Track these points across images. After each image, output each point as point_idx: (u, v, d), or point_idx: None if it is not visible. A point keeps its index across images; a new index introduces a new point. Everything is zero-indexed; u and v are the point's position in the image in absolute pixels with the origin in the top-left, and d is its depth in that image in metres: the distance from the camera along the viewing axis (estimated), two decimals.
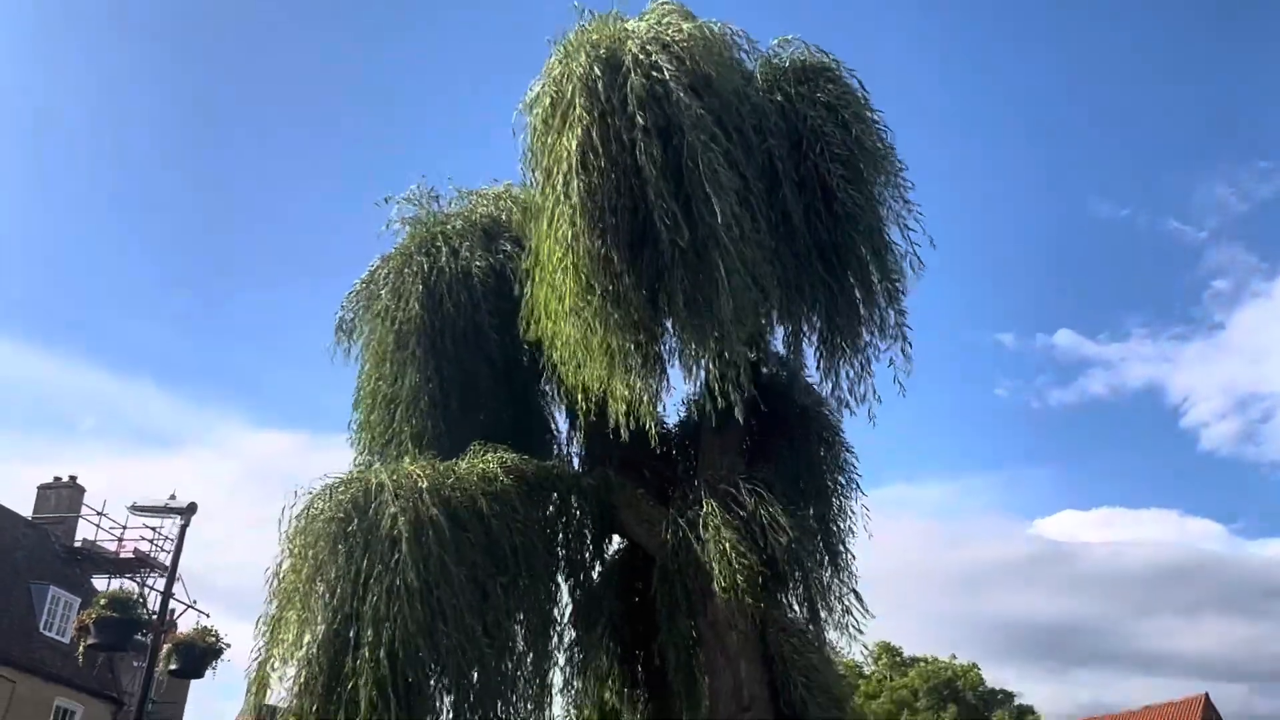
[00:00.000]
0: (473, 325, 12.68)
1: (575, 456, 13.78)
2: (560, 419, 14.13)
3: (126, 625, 13.42)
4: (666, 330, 11.55)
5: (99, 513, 34.98)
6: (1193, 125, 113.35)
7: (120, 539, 34.78)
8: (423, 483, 10.42)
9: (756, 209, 11.05)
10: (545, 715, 11.53)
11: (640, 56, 10.69)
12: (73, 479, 36.26)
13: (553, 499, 12.22)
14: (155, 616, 13.86)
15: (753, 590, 10.58)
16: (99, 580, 32.91)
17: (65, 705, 30.43)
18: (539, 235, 11.23)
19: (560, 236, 10.60)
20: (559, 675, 12.15)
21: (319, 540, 10.02)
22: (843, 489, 12.77)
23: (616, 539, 13.13)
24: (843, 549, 12.49)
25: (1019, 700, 41.35)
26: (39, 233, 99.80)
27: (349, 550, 9.90)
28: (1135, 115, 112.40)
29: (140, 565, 33.28)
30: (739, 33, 12.27)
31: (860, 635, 11.96)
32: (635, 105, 10.45)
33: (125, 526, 34.89)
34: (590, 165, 10.47)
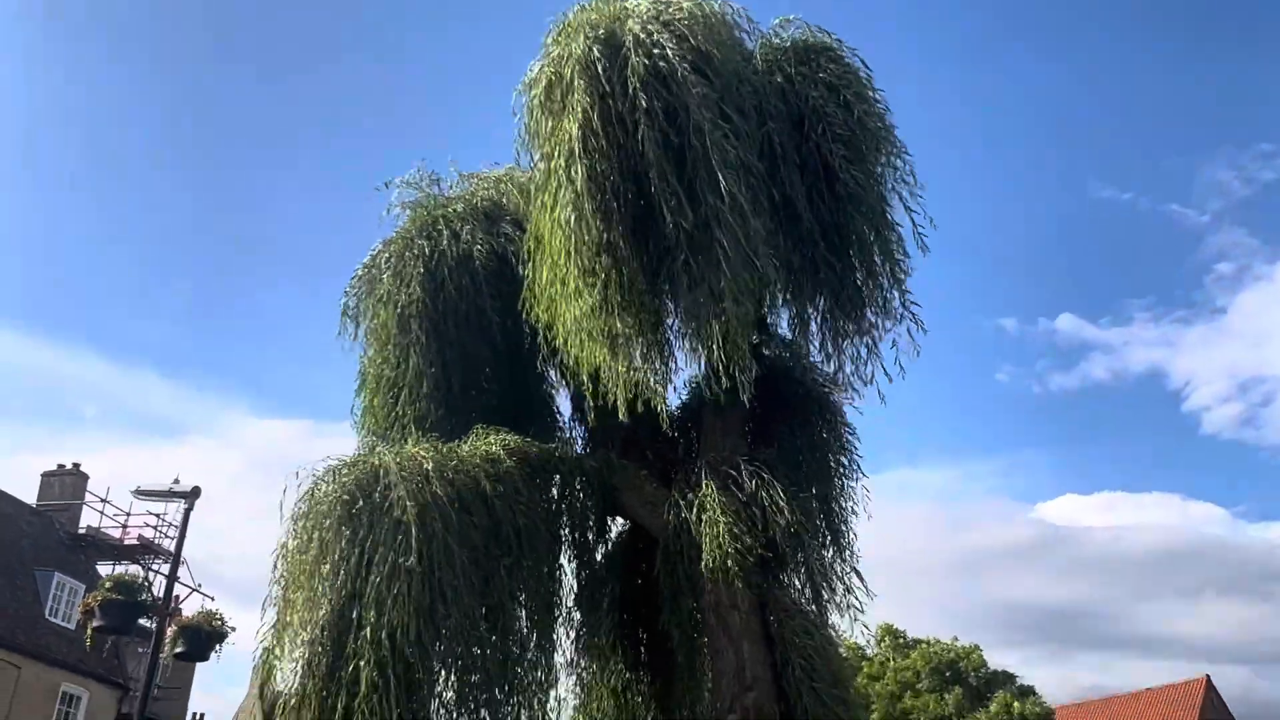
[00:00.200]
0: (475, 308, 12.65)
1: (578, 439, 13.77)
2: (563, 401, 14.12)
3: (131, 608, 13.46)
4: (670, 312, 11.53)
5: (103, 499, 35.17)
6: (1195, 108, 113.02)
7: (124, 525, 34.97)
8: (427, 464, 10.40)
9: (759, 190, 11.00)
10: (549, 696, 11.56)
11: (641, 36, 10.63)
12: (76, 466, 36.36)
13: (555, 481, 12.22)
14: (160, 600, 13.89)
15: (744, 571, 10.60)
16: (103, 566, 32.97)
17: (71, 690, 30.56)
18: (539, 217, 11.19)
19: (563, 221, 10.56)
20: (562, 656, 12.20)
21: (324, 521, 10.00)
22: (845, 470, 12.74)
23: (619, 521, 13.15)
24: (845, 529, 12.48)
25: (1020, 681, 41.44)
26: (40, 223, 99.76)
27: (354, 531, 9.90)
28: (1137, 99, 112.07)
29: (144, 551, 33.40)
30: (739, 11, 12.22)
31: (862, 615, 11.95)
32: (636, 86, 10.39)
33: (129, 513, 35.09)
34: (591, 148, 10.42)
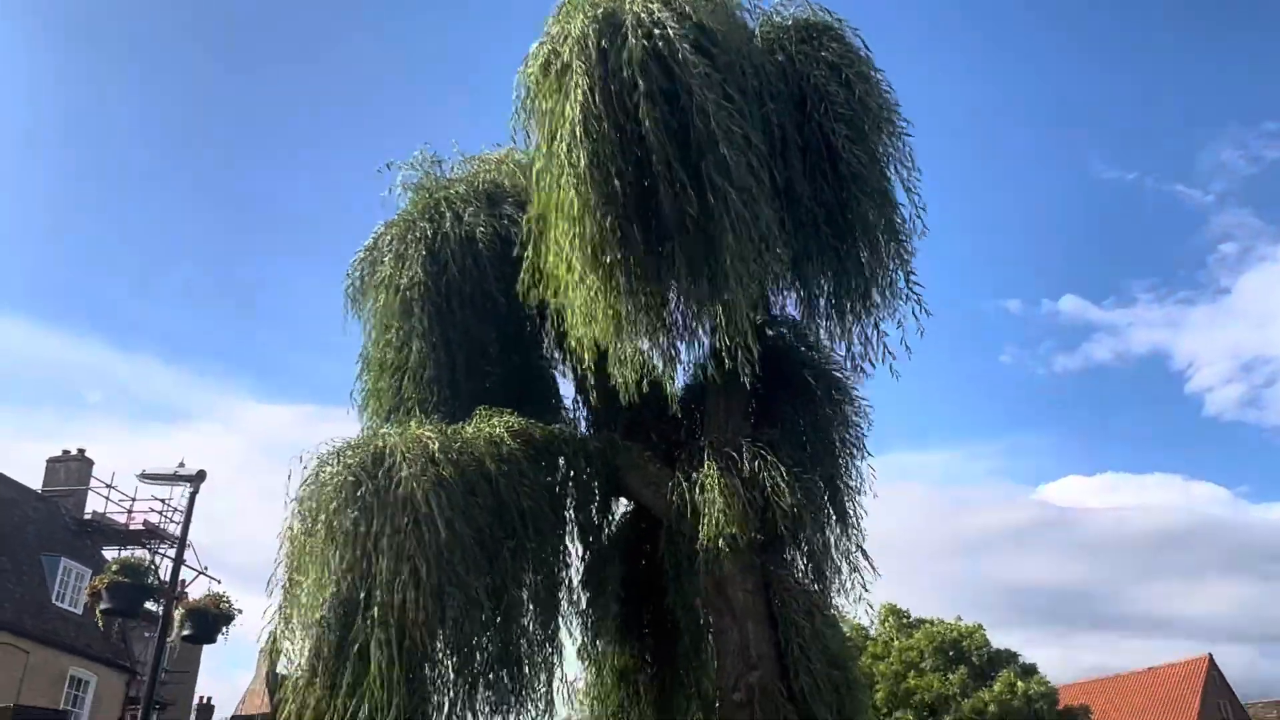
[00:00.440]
0: (479, 290, 12.62)
1: (581, 420, 13.75)
2: (566, 383, 14.09)
3: (138, 591, 13.52)
4: (674, 293, 11.50)
5: (108, 485, 35.29)
6: (1199, 88, 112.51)
7: (130, 511, 35.10)
8: (433, 445, 10.40)
9: (761, 171, 10.95)
10: (554, 676, 11.61)
11: (642, 15, 10.51)
12: (81, 452, 36.43)
13: (559, 463, 12.24)
14: (166, 584, 13.93)
15: (746, 550, 10.63)
16: (109, 552, 33.12)
17: (79, 675, 30.71)
18: (541, 199, 11.12)
19: (565, 204, 10.50)
20: (567, 636, 12.23)
21: (329, 504, 9.99)
22: (851, 450, 12.68)
23: (624, 502, 13.18)
24: (851, 509, 12.44)
25: (1022, 660, 41.50)
26: (41, 209, 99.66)
27: (359, 513, 9.90)
28: (1142, 78, 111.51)
29: (150, 536, 33.56)
30: None
31: (867, 593, 11.94)
32: (636, 68, 10.29)
33: (134, 499, 35.23)
34: (592, 130, 10.33)
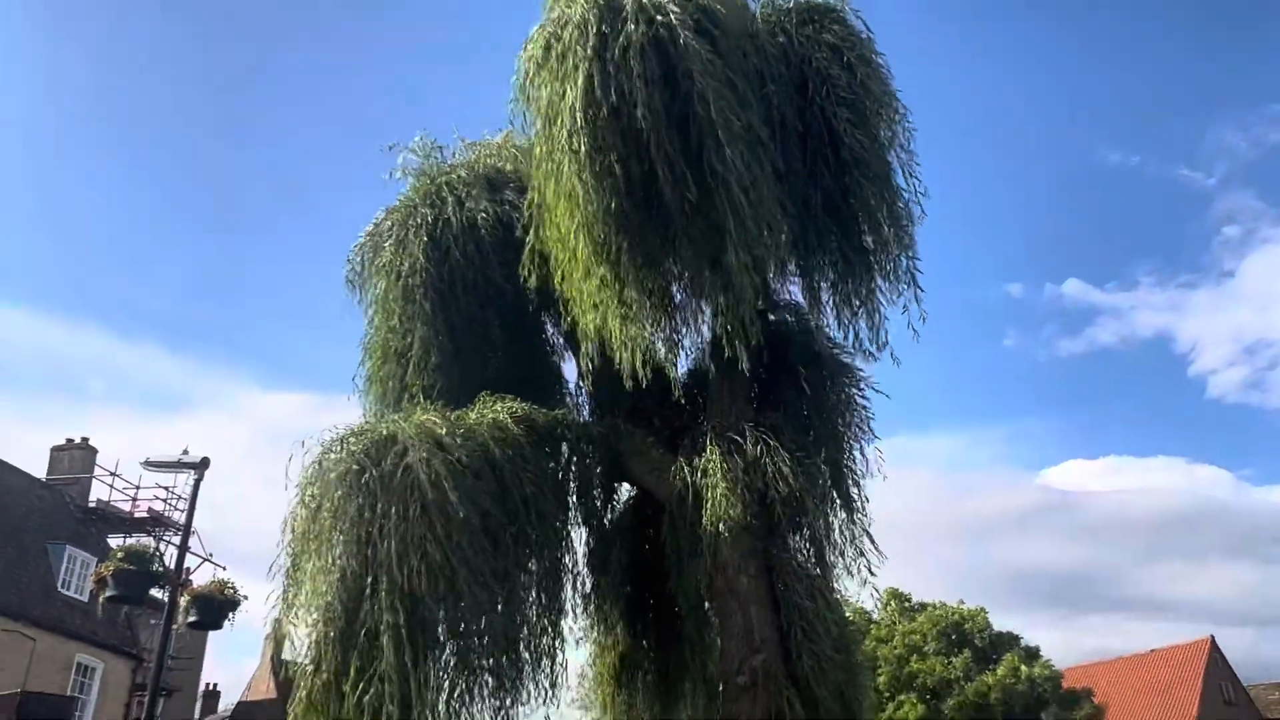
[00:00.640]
0: (481, 276, 12.60)
1: (584, 405, 13.75)
2: (569, 369, 14.09)
3: (144, 577, 13.57)
4: (676, 279, 11.48)
5: (112, 473, 35.40)
6: (1202, 71, 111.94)
7: (134, 499, 35.23)
8: (440, 430, 10.43)
9: (763, 156, 10.92)
10: (556, 661, 11.66)
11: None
12: (85, 440, 36.55)
13: (562, 448, 12.26)
14: (172, 570, 13.99)
15: (749, 534, 10.64)
16: (114, 539, 33.23)
17: (85, 662, 30.90)
18: (543, 185, 11.08)
19: (567, 190, 10.47)
20: (570, 621, 12.27)
21: (333, 490, 10.00)
22: (856, 433, 12.60)
23: (627, 487, 13.20)
24: (856, 493, 12.39)
25: (1025, 642, 41.69)
26: (44, 198, 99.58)
27: (364, 499, 9.92)
28: (1144, 62, 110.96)
29: (155, 524, 33.67)
30: None
31: (874, 577, 11.93)
32: (635, 52, 10.23)
33: (139, 486, 35.36)
34: (593, 116, 10.28)
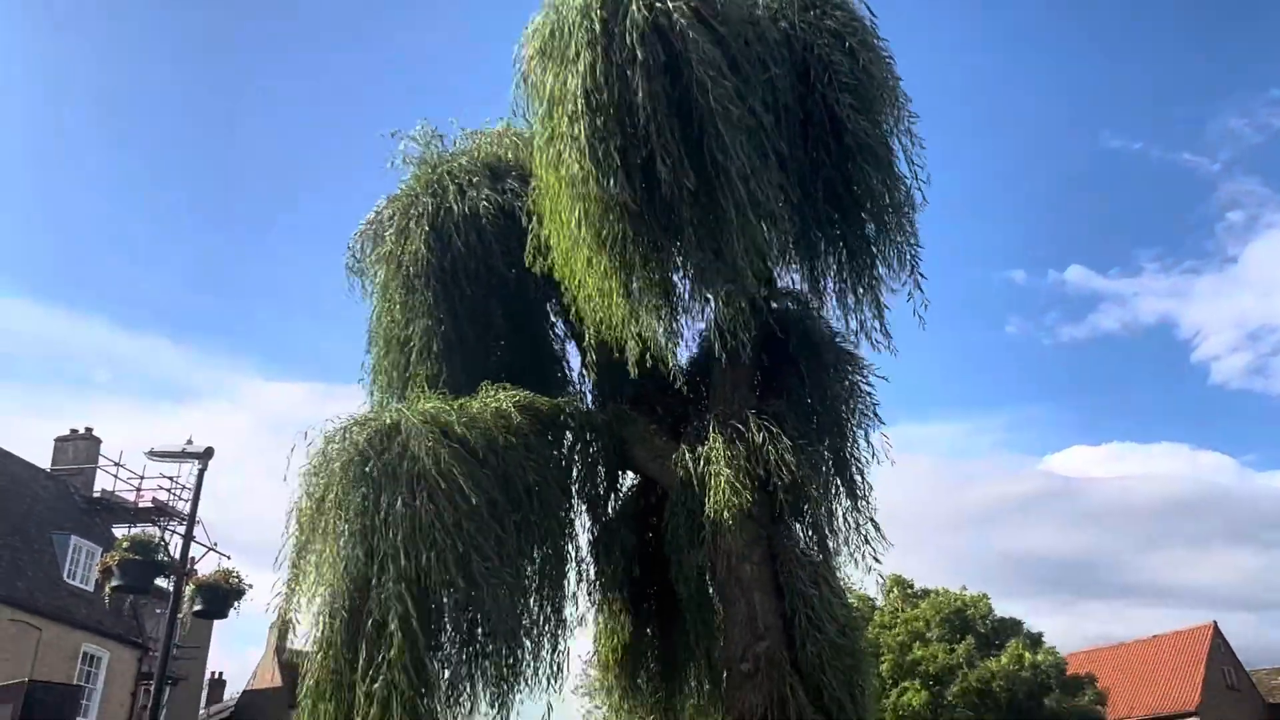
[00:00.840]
0: (483, 265, 12.59)
1: (587, 393, 13.73)
2: (572, 356, 14.09)
3: (149, 567, 13.61)
4: (678, 267, 11.46)
5: (116, 463, 35.49)
6: (1206, 56, 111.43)
7: (138, 489, 35.32)
8: (443, 418, 10.44)
9: (765, 144, 10.88)
10: (558, 648, 11.70)
11: None
12: (89, 430, 36.63)
13: (565, 436, 12.26)
14: (177, 559, 14.04)
15: (752, 522, 10.66)
16: (119, 529, 33.39)
17: (91, 651, 31.03)
18: (545, 173, 11.03)
19: (568, 177, 10.43)
20: (573, 608, 12.29)
21: (337, 479, 10.03)
22: (860, 420, 12.55)
23: (630, 475, 13.21)
24: (860, 480, 12.38)
25: (1027, 628, 41.75)
26: (47, 190, 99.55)
27: (368, 488, 9.94)
28: (1148, 47, 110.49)
29: (159, 514, 33.78)
30: None
31: (878, 564, 11.93)
32: (636, 39, 10.18)
33: (143, 476, 35.45)
34: (594, 103, 10.25)
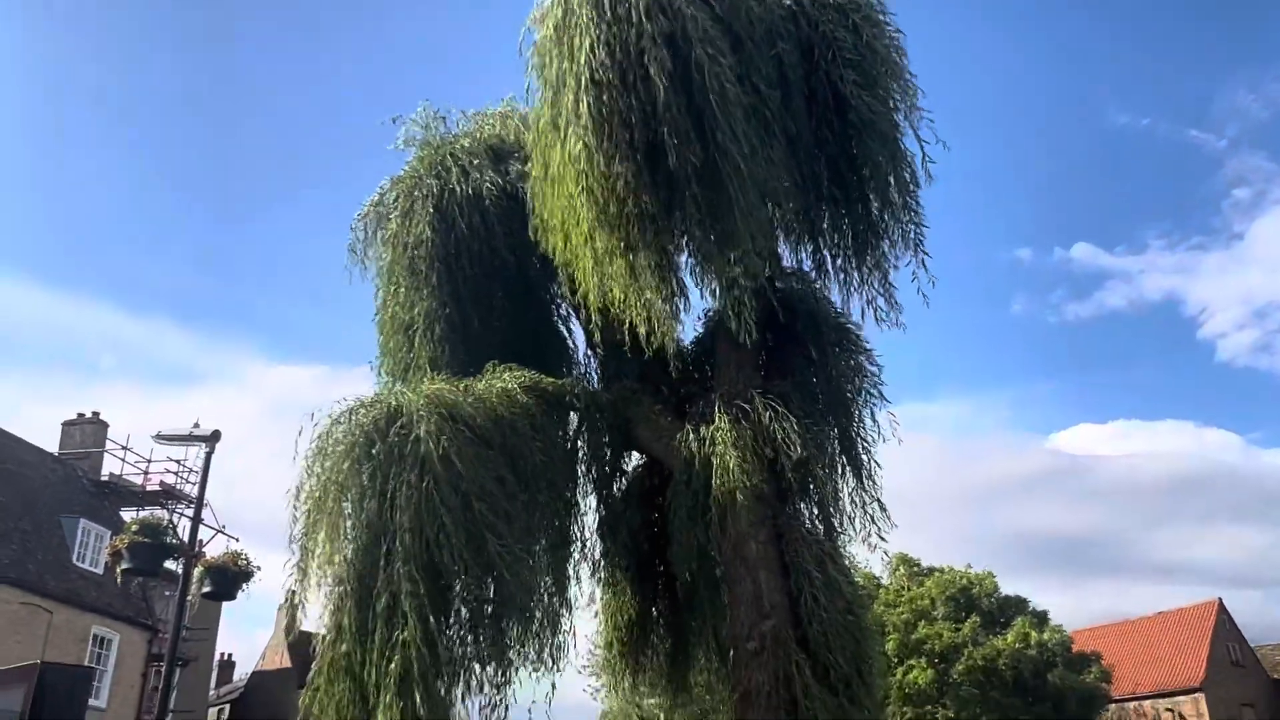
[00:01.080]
0: (487, 247, 12.58)
1: (592, 374, 13.76)
2: (577, 337, 14.10)
3: (158, 550, 13.67)
4: (682, 248, 11.43)
5: (124, 447, 35.64)
6: (1213, 30, 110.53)
7: (146, 472, 35.48)
8: (449, 400, 10.45)
9: (770, 122, 10.82)
10: (565, 628, 11.73)
11: None
12: (96, 415, 36.77)
13: (571, 416, 12.28)
14: (185, 542, 14.10)
15: (759, 501, 10.68)
16: (127, 513, 33.58)
17: (102, 633, 31.27)
18: (549, 151, 10.97)
19: (573, 155, 10.39)
20: (579, 589, 12.33)
21: (343, 462, 10.05)
22: (866, 399, 12.53)
23: (636, 455, 13.22)
24: (866, 459, 12.37)
25: (1032, 606, 41.80)
26: (52, 174, 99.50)
27: (374, 469, 9.96)
28: (1155, 22, 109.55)
29: (167, 497, 33.93)
30: None
31: (884, 542, 11.92)
32: (641, 14, 10.16)
33: (150, 460, 35.61)
34: (599, 80, 10.21)
